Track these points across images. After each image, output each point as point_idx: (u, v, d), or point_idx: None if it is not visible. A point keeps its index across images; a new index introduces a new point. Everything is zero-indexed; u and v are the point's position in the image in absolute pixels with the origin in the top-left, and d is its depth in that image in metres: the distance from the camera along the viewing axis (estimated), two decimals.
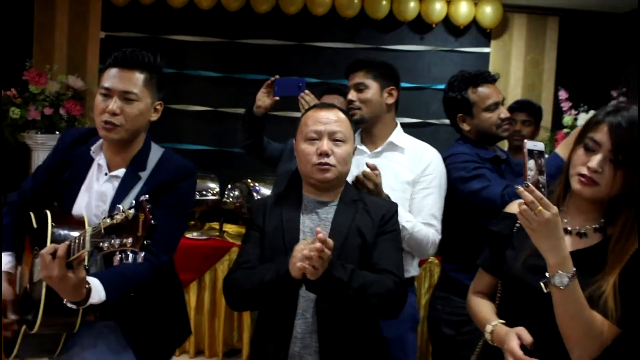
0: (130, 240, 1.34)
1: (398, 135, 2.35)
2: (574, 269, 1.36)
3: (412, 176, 2.24)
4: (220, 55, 4.74)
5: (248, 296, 1.75)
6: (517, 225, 1.61)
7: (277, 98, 2.55)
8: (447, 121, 4.75)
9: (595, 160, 1.43)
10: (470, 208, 2.28)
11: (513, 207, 1.61)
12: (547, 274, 1.38)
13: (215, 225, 4.28)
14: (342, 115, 1.88)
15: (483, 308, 1.66)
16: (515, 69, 4.75)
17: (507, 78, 4.74)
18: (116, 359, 1.85)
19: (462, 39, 4.73)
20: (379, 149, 2.32)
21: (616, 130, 1.41)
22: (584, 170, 1.44)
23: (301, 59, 4.70)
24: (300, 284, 1.66)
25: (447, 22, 4.66)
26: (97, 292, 1.61)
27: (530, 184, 1.34)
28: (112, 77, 1.82)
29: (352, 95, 2.33)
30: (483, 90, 2.37)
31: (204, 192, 4.16)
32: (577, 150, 1.49)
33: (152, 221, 1.31)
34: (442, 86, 4.68)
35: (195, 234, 3.99)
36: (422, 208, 2.22)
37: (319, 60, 4.67)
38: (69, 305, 1.57)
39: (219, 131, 4.73)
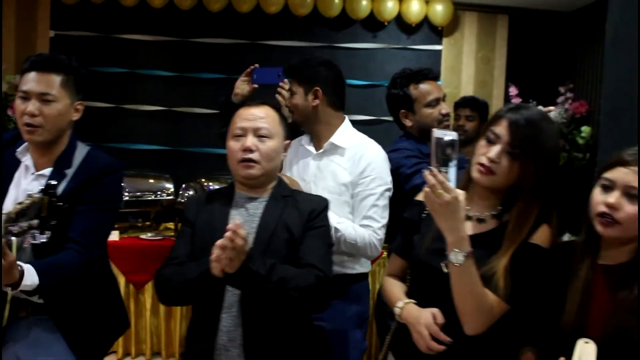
0: (36, 221, 1.45)
1: (340, 135, 2.31)
2: (470, 248, 1.46)
3: (350, 178, 2.23)
4: (173, 55, 4.71)
5: (176, 292, 1.78)
6: (425, 212, 1.69)
7: (256, 86, 2.56)
8: None
9: (494, 151, 1.54)
10: None
11: (422, 195, 1.66)
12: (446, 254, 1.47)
13: (171, 225, 4.26)
14: (271, 112, 1.89)
15: (394, 289, 1.76)
16: (467, 66, 4.83)
17: (459, 75, 4.83)
18: (49, 351, 1.86)
19: (414, 37, 4.80)
20: (322, 150, 2.32)
21: (515, 125, 1.53)
22: (484, 160, 1.55)
23: (254, 58, 4.63)
24: (222, 282, 1.68)
25: (400, 20, 4.71)
26: (30, 275, 1.65)
27: (434, 169, 1.42)
28: (29, 81, 1.89)
29: (287, 100, 2.37)
30: (424, 86, 2.43)
31: (159, 193, 4.12)
32: (480, 141, 1.60)
33: (59, 204, 1.41)
34: None
35: (150, 234, 3.95)
36: (361, 210, 2.22)
37: (273, 59, 4.63)
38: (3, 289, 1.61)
39: (173, 131, 4.70)
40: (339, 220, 2.14)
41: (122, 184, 3.98)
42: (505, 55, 4.88)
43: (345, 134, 2.34)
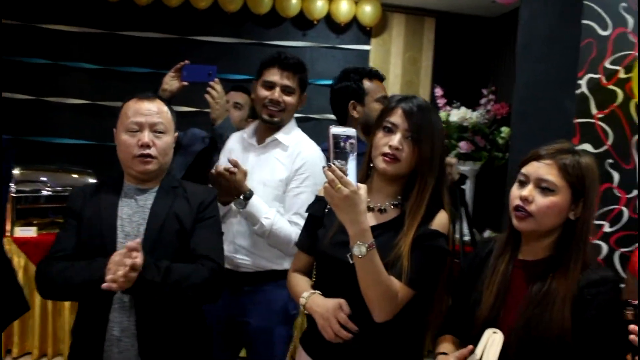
0: None
1: (285, 133, 2.34)
2: (372, 240, 1.49)
3: (286, 174, 2.26)
4: (100, 47, 4.61)
5: (59, 291, 1.77)
6: (329, 207, 1.72)
7: (186, 83, 2.50)
8: (330, 116, 4.90)
9: (396, 139, 1.62)
10: None
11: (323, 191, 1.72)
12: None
13: None
14: (163, 107, 1.88)
15: (299, 282, 1.78)
16: (394, 66, 4.94)
17: (386, 75, 4.89)
18: None
19: (343, 36, 4.86)
20: (264, 144, 2.33)
21: (409, 113, 1.63)
22: (387, 149, 1.62)
23: (184, 53, 4.60)
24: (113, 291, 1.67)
25: (329, 20, 4.77)
26: None
27: (332, 165, 1.45)
28: None
29: (279, 95, 2.28)
30: (375, 84, 2.53)
31: None
32: (377, 134, 1.66)
33: None
34: (325, 82, 4.81)
35: None
36: (291, 206, 2.25)
37: (202, 55, 4.63)
38: None
39: (98, 125, 4.59)
40: (267, 215, 2.18)
41: (44, 179, 3.96)
42: (431, 57, 5.01)
43: (289, 132, 2.37)
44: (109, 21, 4.56)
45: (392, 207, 1.68)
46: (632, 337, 1.29)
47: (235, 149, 2.40)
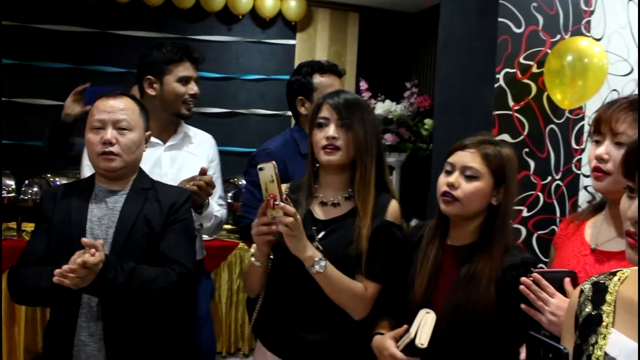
0: None
1: (186, 126, 2.39)
2: (320, 255, 1.61)
3: (205, 163, 2.30)
4: (14, 41, 4.38)
5: (30, 296, 1.75)
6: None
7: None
8: (256, 110, 4.91)
9: (331, 129, 1.70)
10: None
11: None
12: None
13: (13, 225, 3.98)
14: (130, 104, 1.86)
15: (255, 271, 1.79)
16: None
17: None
18: None
19: (268, 31, 4.87)
20: (175, 141, 2.31)
21: (336, 104, 1.72)
22: (325, 142, 1.70)
23: (105, 48, 4.52)
24: (78, 292, 1.65)
25: (254, 14, 4.76)
26: None
27: (285, 199, 1.56)
28: None
29: (197, 88, 2.31)
30: (326, 79, 2.45)
31: None
32: (313, 132, 1.74)
33: None
34: (250, 76, 4.82)
35: None
36: (215, 192, 2.29)
37: (124, 50, 4.52)
38: None
39: (14, 124, 4.38)
40: (218, 208, 2.26)
41: None
42: (355, 51, 5.11)
43: (188, 125, 2.40)
44: (23, 13, 4.35)
45: (345, 199, 1.76)
46: (522, 288, 1.42)
47: None
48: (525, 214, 2.88)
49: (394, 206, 1.73)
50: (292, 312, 1.71)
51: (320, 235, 1.71)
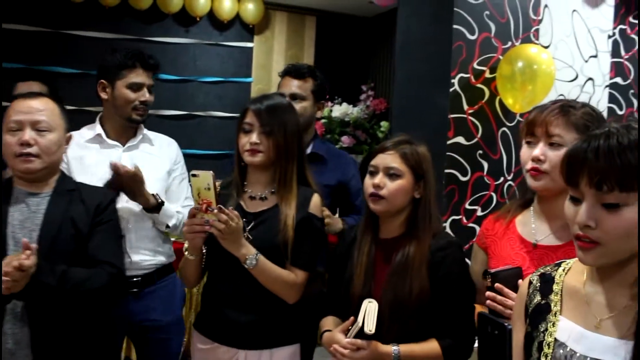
0: None
1: (148, 130, 2.38)
2: (255, 250, 1.75)
3: (168, 165, 2.32)
4: None
5: None
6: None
7: None
8: (214, 113, 4.91)
9: (253, 136, 1.82)
10: None
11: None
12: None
13: None
14: (49, 104, 1.82)
15: (189, 264, 1.88)
16: (277, 64, 5.02)
17: (269, 72, 5.00)
18: None
19: (226, 33, 4.88)
20: (134, 142, 2.30)
21: (258, 111, 1.84)
22: (247, 146, 1.83)
23: (58, 48, 4.44)
24: (6, 297, 1.62)
25: (212, 17, 4.76)
26: None
27: (221, 207, 1.68)
28: None
29: (148, 96, 2.28)
30: (283, 81, 2.48)
31: None
32: (239, 135, 1.87)
33: None
34: (208, 79, 4.82)
35: None
36: (181, 193, 2.34)
37: (79, 50, 4.46)
38: None
39: None
40: (177, 209, 2.25)
41: None
42: (312, 54, 5.17)
43: (147, 130, 2.40)
44: None
45: (271, 194, 1.88)
46: (489, 302, 1.50)
47: (88, 157, 2.25)
48: (479, 213, 3.00)
49: (316, 200, 1.87)
50: (225, 297, 1.83)
51: (249, 227, 1.83)
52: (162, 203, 2.18)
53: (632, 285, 1.07)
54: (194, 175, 1.67)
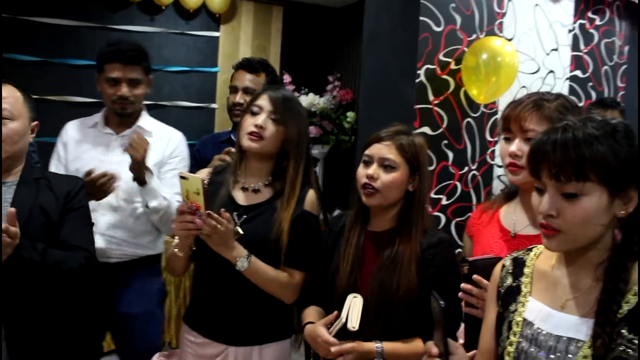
0: None
1: (145, 120, 2.40)
2: (246, 251, 1.69)
3: (158, 158, 2.32)
4: None
5: None
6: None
7: None
8: (180, 103, 4.86)
9: (260, 119, 1.77)
10: None
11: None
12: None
13: None
14: (14, 92, 1.79)
15: (178, 260, 1.85)
16: (244, 54, 4.98)
17: (236, 62, 4.97)
18: None
19: (192, 22, 4.82)
20: (127, 132, 2.32)
21: (274, 97, 1.80)
22: (252, 128, 1.77)
23: (18, 35, 4.32)
24: None
25: (177, 5, 4.69)
26: None
27: (210, 212, 1.62)
28: None
29: (128, 91, 2.26)
30: (237, 74, 2.55)
31: None
32: (245, 117, 1.81)
33: None
34: (174, 68, 4.76)
35: None
36: (172, 186, 2.31)
37: (40, 38, 4.35)
38: None
39: None
40: (165, 195, 2.22)
41: None
42: (279, 45, 5.14)
43: (149, 119, 2.43)
44: None
45: (265, 186, 1.83)
46: (462, 294, 1.50)
47: (85, 141, 2.34)
48: (444, 202, 3.06)
49: (311, 196, 1.82)
50: (216, 293, 1.81)
51: (241, 220, 1.79)
52: (151, 173, 2.17)
53: (596, 267, 1.13)
54: (182, 177, 1.63)
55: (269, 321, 1.82)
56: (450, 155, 3.09)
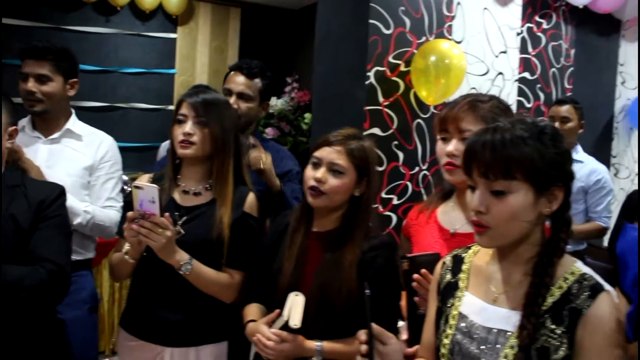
0: None
1: (75, 123, 2.36)
2: (188, 256, 1.72)
3: (89, 162, 2.29)
4: None
5: None
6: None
7: None
8: (136, 105, 4.83)
9: (187, 126, 1.80)
10: None
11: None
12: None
13: None
14: None
15: (126, 265, 1.84)
16: (201, 55, 5.00)
17: (193, 63, 4.97)
18: None
19: (149, 24, 4.79)
20: (55, 136, 2.29)
21: (194, 103, 1.81)
22: (181, 137, 1.80)
23: None
24: None
25: (133, 6, 4.66)
26: None
27: (157, 218, 1.64)
28: None
29: (33, 86, 2.21)
30: (233, 76, 2.40)
31: None
32: (173, 127, 1.85)
33: None
34: (130, 69, 4.74)
35: None
36: (103, 193, 2.31)
37: None
38: None
39: None
40: (85, 208, 2.19)
41: None
42: (237, 46, 5.16)
43: (78, 123, 2.38)
44: None
45: (205, 190, 1.86)
46: (417, 299, 1.53)
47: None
48: (395, 202, 3.11)
49: (251, 199, 1.85)
50: (154, 295, 1.81)
51: (182, 221, 1.80)
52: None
53: (526, 263, 1.20)
54: (137, 187, 1.63)
55: (207, 322, 1.83)
56: (401, 155, 3.15)
